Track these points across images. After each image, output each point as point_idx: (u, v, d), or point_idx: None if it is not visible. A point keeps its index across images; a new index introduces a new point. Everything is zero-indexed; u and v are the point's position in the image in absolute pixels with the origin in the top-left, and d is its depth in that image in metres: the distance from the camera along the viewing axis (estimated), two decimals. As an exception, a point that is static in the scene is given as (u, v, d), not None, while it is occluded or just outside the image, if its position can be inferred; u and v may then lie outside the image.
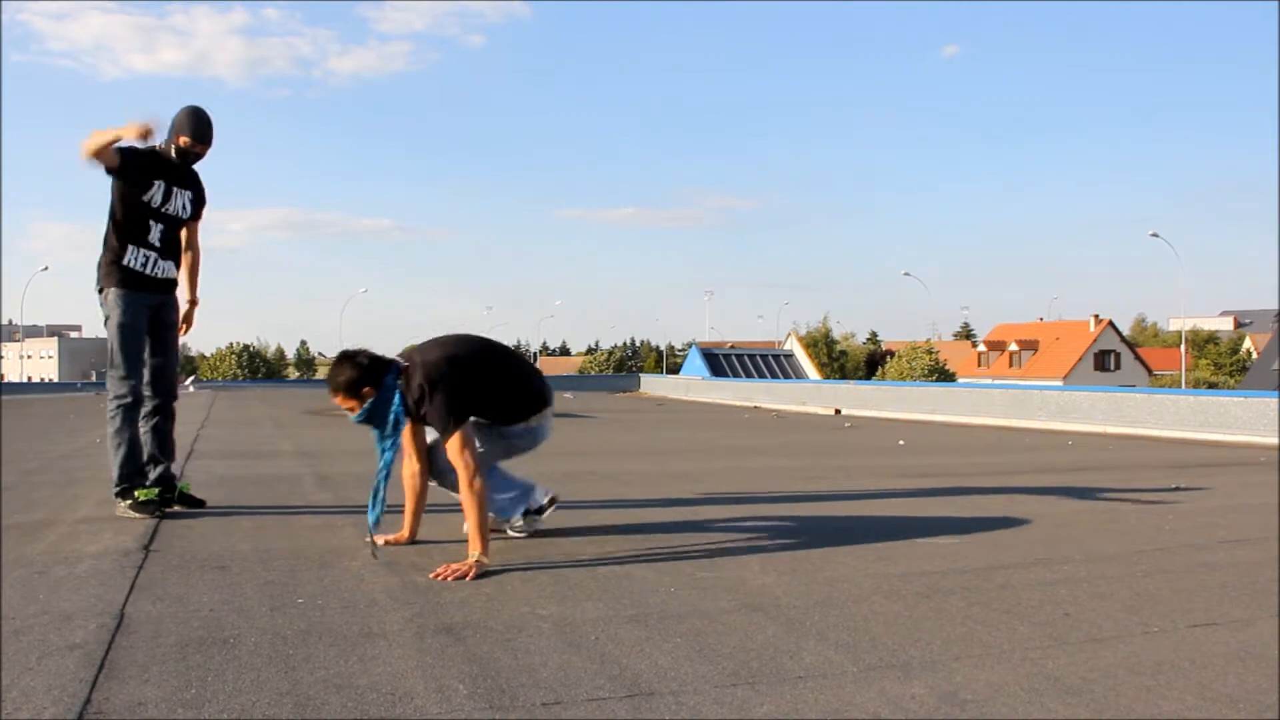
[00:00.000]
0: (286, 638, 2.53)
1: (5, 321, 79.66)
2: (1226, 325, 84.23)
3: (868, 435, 11.67)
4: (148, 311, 4.36)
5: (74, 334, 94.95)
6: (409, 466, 3.82)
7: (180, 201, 4.44)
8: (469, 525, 3.45)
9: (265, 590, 3.03)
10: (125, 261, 4.29)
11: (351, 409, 3.62)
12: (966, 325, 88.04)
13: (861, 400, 17.51)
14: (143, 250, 4.32)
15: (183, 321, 4.59)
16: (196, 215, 4.57)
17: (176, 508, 4.46)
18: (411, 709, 2.06)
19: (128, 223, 4.29)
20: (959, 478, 7.03)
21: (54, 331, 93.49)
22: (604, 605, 2.92)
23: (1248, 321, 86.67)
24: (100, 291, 4.34)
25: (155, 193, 4.33)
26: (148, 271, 4.34)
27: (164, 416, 4.48)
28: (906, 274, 61.78)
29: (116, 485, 4.32)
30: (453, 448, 3.47)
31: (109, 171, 4.23)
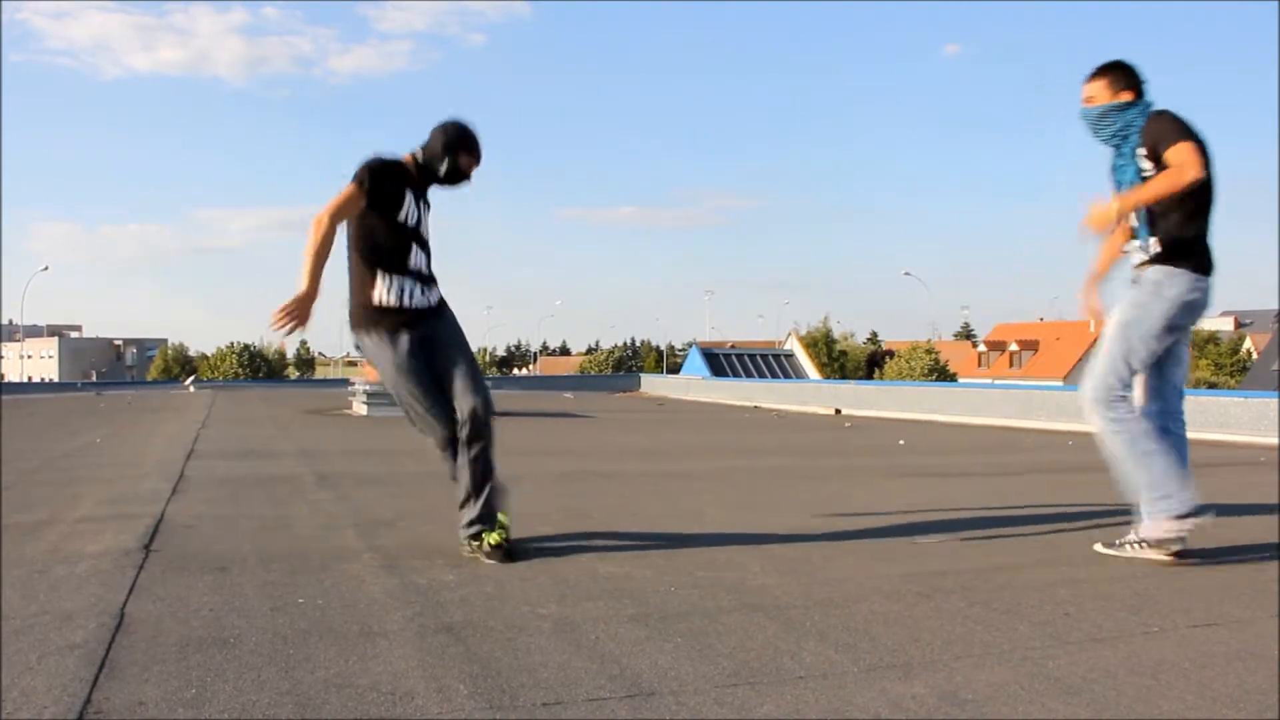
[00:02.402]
0: (287, 638, 2.53)
1: (5, 321, 79.65)
2: (1227, 325, 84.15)
3: (868, 435, 11.67)
4: (415, 344, 3.52)
5: (74, 334, 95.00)
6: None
7: (426, 216, 3.63)
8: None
9: (265, 590, 3.03)
10: (376, 299, 3.49)
11: (1091, 100, 3.60)
12: (966, 325, 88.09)
13: (862, 400, 17.52)
14: (397, 278, 3.50)
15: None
16: None
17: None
18: (412, 709, 2.06)
19: (376, 252, 3.50)
20: (959, 478, 7.03)
21: (54, 331, 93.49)
22: (604, 605, 2.92)
23: (1248, 321, 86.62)
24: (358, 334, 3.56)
25: (408, 210, 3.53)
26: (405, 303, 3.50)
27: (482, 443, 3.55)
28: (907, 274, 61.89)
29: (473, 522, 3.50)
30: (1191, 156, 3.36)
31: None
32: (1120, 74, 3.64)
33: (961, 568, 3.54)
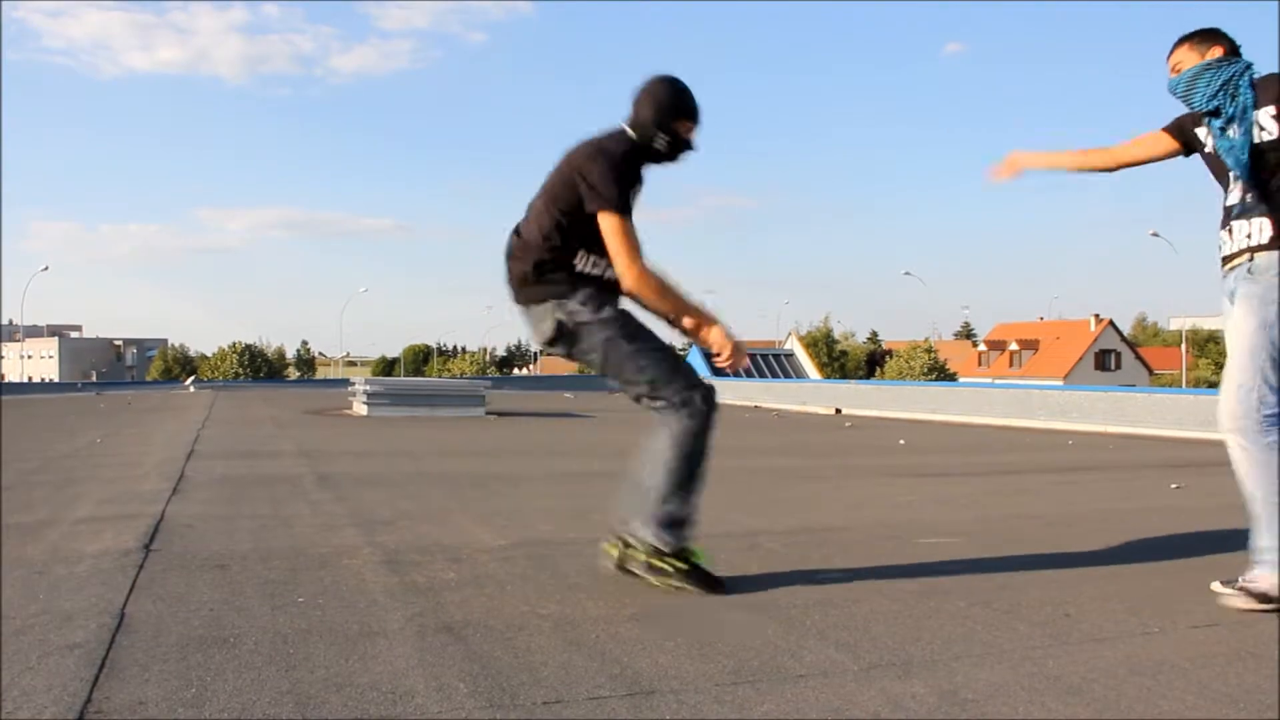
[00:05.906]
0: (287, 637, 2.53)
1: (5, 321, 79.68)
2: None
3: (868, 435, 11.68)
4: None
5: (74, 334, 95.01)
6: None
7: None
8: None
9: (266, 589, 3.03)
10: (580, 268, 3.17)
11: (1178, 67, 3.17)
12: (967, 325, 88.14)
13: (862, 400, 17.52)
14: (593, 256, 3.17)
15: (725, 352, 3.27)
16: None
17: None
18: (412, 708, 2.06)
19: (587, 239, 3.15)
20: (959, 477, 7.04)
21: (54, 331, 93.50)
22: (604, 604, 2.92)
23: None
24: (549, 304, 3.15)
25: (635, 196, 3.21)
26: (605, 275, 3.19)
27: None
28: (907, 273, 62.04)
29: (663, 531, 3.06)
30: None
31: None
32: (1204, 34, 3.21)
33: (961, 567, 3.54)
